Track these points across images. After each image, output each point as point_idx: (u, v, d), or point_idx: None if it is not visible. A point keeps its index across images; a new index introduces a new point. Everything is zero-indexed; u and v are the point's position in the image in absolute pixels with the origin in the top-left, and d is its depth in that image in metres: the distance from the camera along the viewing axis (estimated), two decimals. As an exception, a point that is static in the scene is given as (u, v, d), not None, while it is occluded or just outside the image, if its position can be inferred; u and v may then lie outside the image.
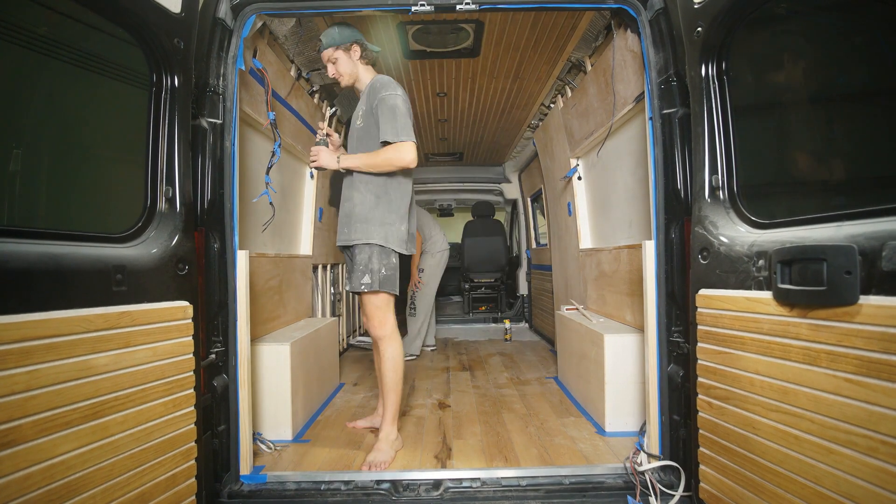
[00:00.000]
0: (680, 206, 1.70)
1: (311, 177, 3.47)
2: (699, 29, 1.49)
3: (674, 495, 1.65)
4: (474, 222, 5.96)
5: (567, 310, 3.21)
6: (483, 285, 5.96)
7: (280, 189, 2.83)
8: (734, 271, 1.36)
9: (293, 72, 2.77)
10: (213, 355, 1.70)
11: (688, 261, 1.61)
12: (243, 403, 1.80)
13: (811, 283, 1.10)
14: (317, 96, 3.24)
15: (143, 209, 1.47)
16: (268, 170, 2.21)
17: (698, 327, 1.50)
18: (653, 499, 1.67)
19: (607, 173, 2.92)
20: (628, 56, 2.19)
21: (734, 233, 1.40)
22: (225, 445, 1.75)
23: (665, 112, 1.74)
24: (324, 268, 3.88)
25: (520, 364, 3.82)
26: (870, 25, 1.45)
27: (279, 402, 2.26)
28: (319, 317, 3.67)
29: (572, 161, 3.41)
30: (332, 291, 4.09)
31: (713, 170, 1.50)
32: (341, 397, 2.97)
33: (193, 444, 1.50)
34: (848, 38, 1.51)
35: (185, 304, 1.49)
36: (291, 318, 2.98)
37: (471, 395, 2.97)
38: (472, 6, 1.85)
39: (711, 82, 1.50)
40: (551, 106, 3.63)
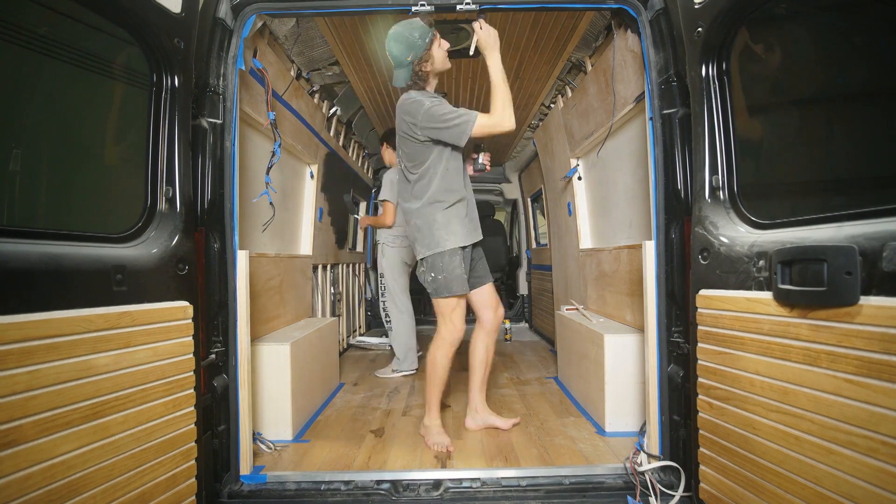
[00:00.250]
0: (680, 206, 1.70)
1: (311, 177, 3.47)
2: (699, 29, 1.49)
3: (674, 495, 1.65)
4: (474, 222, 5.95)
5: (567, 310, 3.20)
6: None
7: (280, 189, 2.83)
8: (734, 272, 1.36)
9: (293, 72, 2.77)
10: (213, 355, 1.71)
11: (688, 261, 1.61)
12: (243, 403, 1.80)
13: (811, 283, 1.10)
14: (317, 96, 3.24)
15: (143, 209, 1.47)
16: (268, 170, 2.21)
17: (698, 327, 1.49)
18: (653, 499, 1.67)
19: (607, 173, 2.92)
20: (628, 56, 2.19)
21: (734, 233, 1.40)
22: (225, 445, 1.75)
23: (665, 112, 1.73)
24: (324, 268, 3.88)
25: (520, 364, 3.82)
26: (870, 25, 1.45)
27: (279, 401, 2.26)
28: (319, 317, 3.67)
29: (572, 161, 3.40)
30: (332, 291, 4.09)
31: (713, 170, 1.50)
32: (341, 397, 2.97)
33: (193, 444, 1.50)
34: (848, 38, 1.52)
35: (186, 304, 1.49)
36: (291, 318, 2.98)
37: (471, 395, 2.96)
38: (472, 6, 1.85)
39: (712, 82, 1.49)
40: (551, 106, 3.63)
